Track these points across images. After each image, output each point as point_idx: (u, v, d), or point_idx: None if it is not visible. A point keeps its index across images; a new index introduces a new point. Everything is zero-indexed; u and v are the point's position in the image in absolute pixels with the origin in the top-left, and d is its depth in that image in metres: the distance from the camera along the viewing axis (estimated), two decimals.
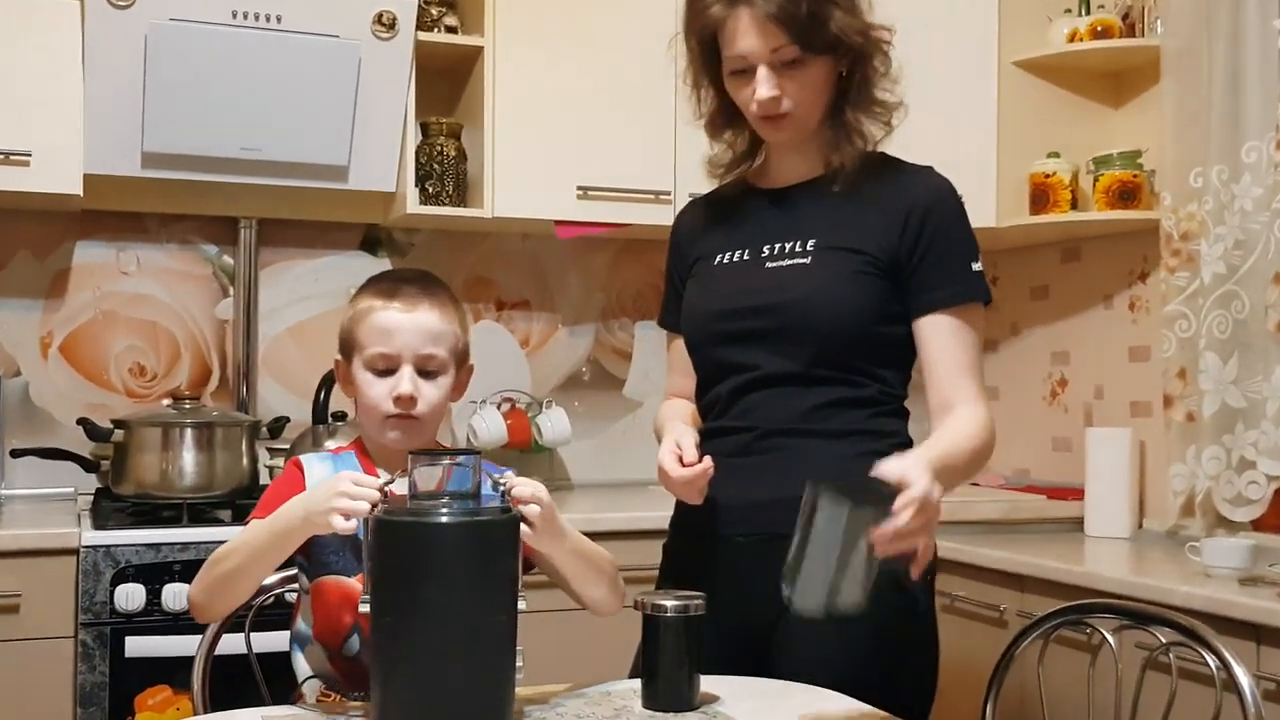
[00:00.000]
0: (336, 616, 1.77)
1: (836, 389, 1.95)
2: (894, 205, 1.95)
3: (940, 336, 1.94)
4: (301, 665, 1.82)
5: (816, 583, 1.56)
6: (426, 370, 1.80)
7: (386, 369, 1.79)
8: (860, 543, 1.55)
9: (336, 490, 1.57)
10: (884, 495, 1.57)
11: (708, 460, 1.88)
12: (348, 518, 1.55)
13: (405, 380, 1.78)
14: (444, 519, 1.46)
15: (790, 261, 1.97)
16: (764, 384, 1.97)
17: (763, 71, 1.91)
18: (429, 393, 1.80)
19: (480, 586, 1.46)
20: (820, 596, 1.57)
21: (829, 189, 1.99)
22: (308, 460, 1.85)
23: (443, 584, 1.45)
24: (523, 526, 1.57)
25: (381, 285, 1.84)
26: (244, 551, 1.70)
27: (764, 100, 1.92)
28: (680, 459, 1.88)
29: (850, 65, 1.96)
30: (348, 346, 1.84)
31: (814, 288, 1.93)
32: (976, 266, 1.96)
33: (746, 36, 1.90)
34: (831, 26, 1.89)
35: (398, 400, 1.78)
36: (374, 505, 1.54)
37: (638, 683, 1.69)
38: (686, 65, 2.04)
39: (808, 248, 1.96)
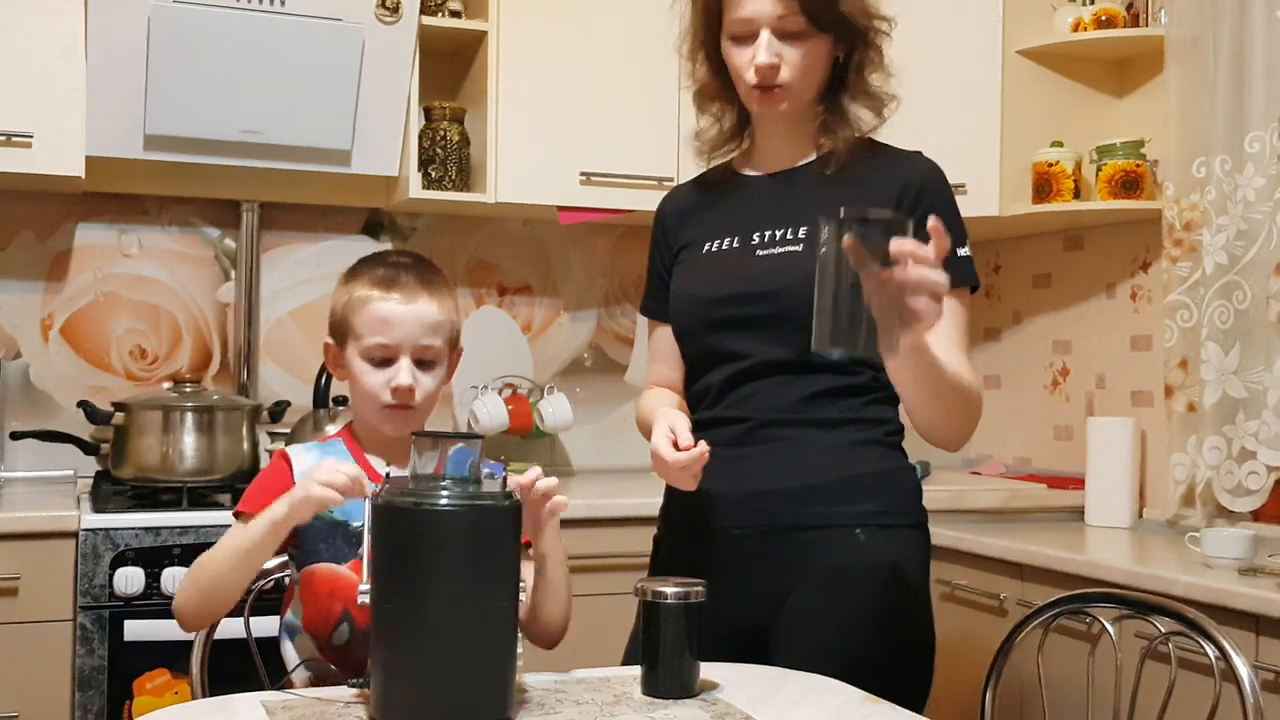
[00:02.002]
0: (326, 605, 1.78)
1: (830, 377, 1.94)
2: (886, 189, 1.94)
3: None
4: (291, 655, 1.83)
5: (826, 314, 1.50)
6: (423, 360, 1.82)
7: (384, 359, 1.80)
8: (871, 268, 1.49)
9: (316, 478, 1.60)
10: (894, 220, 1.53)
11: (703, 444, 1.86)
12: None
13: (404, 372, 1.79)
14: (447, 504, 1.46)
15: (782, 249, 1.96)
16: (757, 373, 1.96)
17: (765, 37, 1.90)
18: (426, 383, 1.82)
19: (484, 571, 1.46)
20: (828, 329, 1.51)
21: (819, 174, 1.98)
22: (294, 451, 1.86)
23: (447, 569, 1.45)
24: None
25: (378, 273, 1.83)
26: (232, 554, 1.72)
27: (762, 66, 1.91)
28: (675, 444, 1.87)
29: (848, 51, 1.95)
30: (341, 332, 1.85)
31: (808, 275, 1.91)
32: (964, 251, 1.94)
33: (755, 1, 1.90)
34: (841, 5, 1.89)
35: (396, 391, 1.79)
36: (347, 490, 1.58)
37: (637, 669, 1.69)
38: (683, 31, 2.03)
39: (799, 234, 1.95)
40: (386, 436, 1.85)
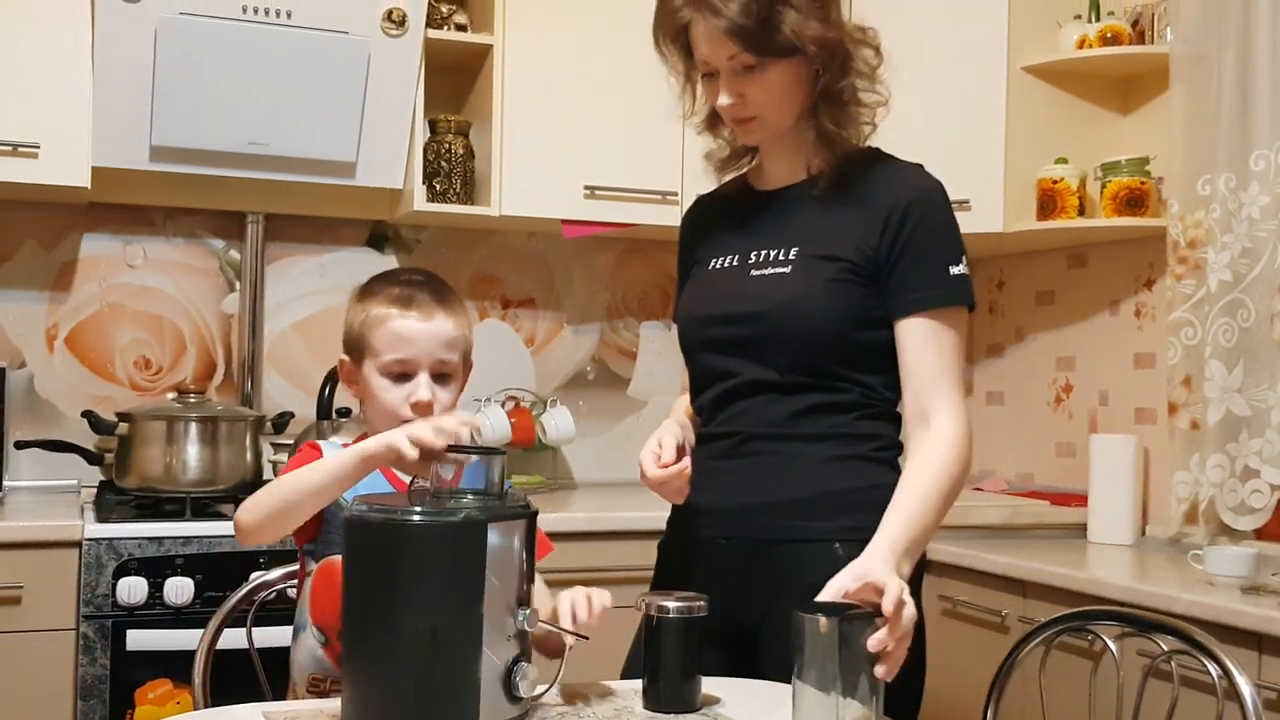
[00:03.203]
0: (339, 596, 1.76)
1: (815, 395, 1.94)
2: (875, 205, 1.93)
3: (915, 341, 1.91)
4: (297, 656, 1.83)
5: (819, 711, 1.49)
6: (440, 374, 1.86)
7: (402, 374, 1.84)
8: (858, 662, 1.49)
9: (410, 432, 1.61)
10: (868, 611, 1.55)
11: (685, 461, 1.90)
12: (420, 450, 1.60)
13: (423, 388, 1.83)
14: (418, 519, 1.45)
15: (773, 270, 1.96)
16: (744, 391, 1.97)
17: (722, 79, 1.92)
18: (443, 397, 1.86)
19: (453, 587, 1.45)
20: None
21: (811, 192, 1.98)
22: (325, 446, 1.87)
23: (416, 584, 1.44)
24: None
25: (394, 291, 1.87)
26: (316, 480, 1.72)
27: (724, 107, 1.93)
28: (659, 459, 1.90)
29: (822, 66, 1.93)
30: (358, 349, 1.88)
31: (788, 297, 1.92)
32: (957, 269, 1.92)
33: (703, 45, 1.91)
34: (785, 30, 1.86)
35: (415, 406, 1.82)
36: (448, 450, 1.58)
37: (639, 683, 1.69)
38: (669, 67, 2.04)
39: (790, 256, 1.96)
40: None
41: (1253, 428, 3.04)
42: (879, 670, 1.51)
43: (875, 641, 1.50)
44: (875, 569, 1.65)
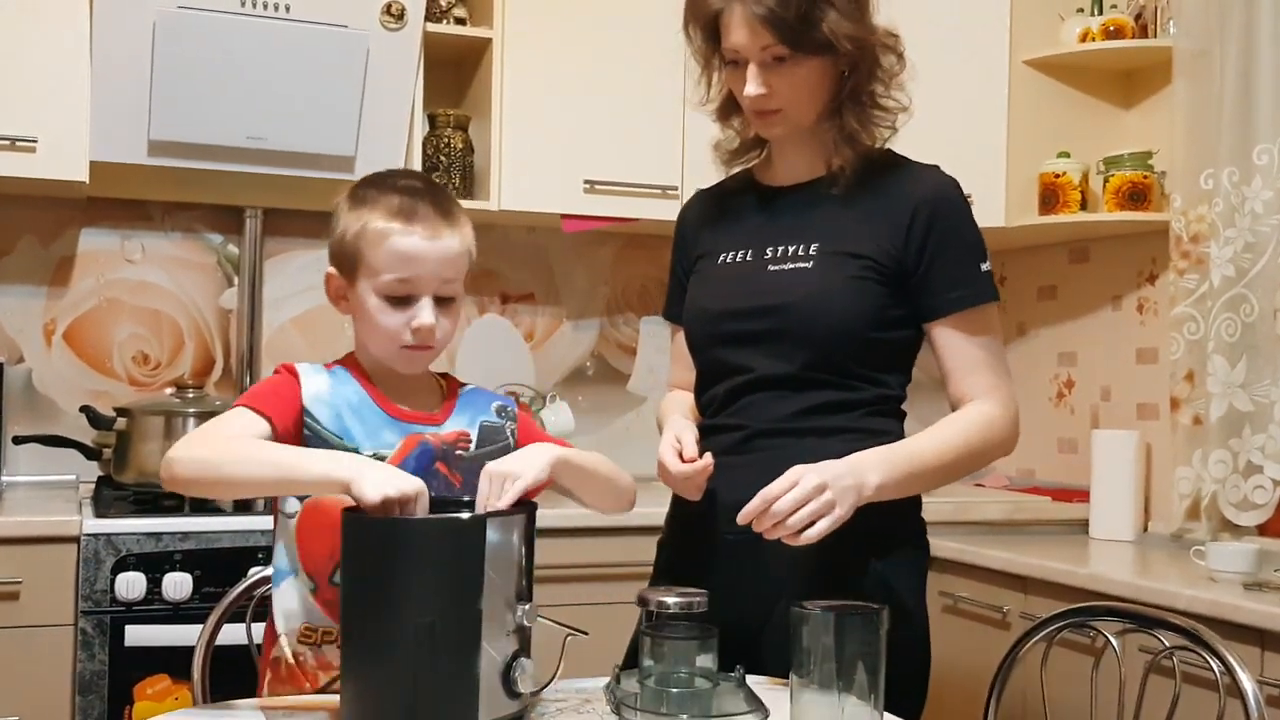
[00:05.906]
0: (330, 540, 1.62)
1: (829, 393, 1.94)
2: (898, 207, 1.93)
3: (955, 340, 1.94)
4: (283, 605, 1.73)
5: (818, 707, 1.49)
6: (442, 296, 1.73)
7: (404, 296, 1.71)
8: (857, 658, 1.48)
9: (384, 488, 1.50)
10: (868, 607, 1.53)
11: (708, 457, 1.90)
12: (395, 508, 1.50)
13: (426, 312, 1.71)
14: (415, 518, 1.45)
15: (793, 265, 1.96)
16: (758, 386, 1.97)
17: (751, 69, 1.91)
18: (445, 323, 1.74)
19: (439, 583, 1.45)
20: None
21: (830, 190, 1.98)
22: (303, 370, 1.75)
23: (414, 583, 1.44)
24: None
25: (393, 201, 1.72)
26: (266, 472, 1.59)
27: (750, 98, 1.92)
28: (681, 454, 1.90)
29: (850, 67, 1.94)
30: (350, 264, 1.74)
31: (812, 292, 1.92)
32: (985, 266, 1.95)
33: (738, 32, 1.89)
34: (824, 28, 1.86)
35: (417, 332, 1.71)
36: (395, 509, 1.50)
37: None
38: (693, 52, 2.03)
39: (810, 251, 1.95)
40: (392, 371, 1.77)
41: (1255, 423, 3.03)
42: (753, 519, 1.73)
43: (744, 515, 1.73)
44: (817, 468, 1.74)
